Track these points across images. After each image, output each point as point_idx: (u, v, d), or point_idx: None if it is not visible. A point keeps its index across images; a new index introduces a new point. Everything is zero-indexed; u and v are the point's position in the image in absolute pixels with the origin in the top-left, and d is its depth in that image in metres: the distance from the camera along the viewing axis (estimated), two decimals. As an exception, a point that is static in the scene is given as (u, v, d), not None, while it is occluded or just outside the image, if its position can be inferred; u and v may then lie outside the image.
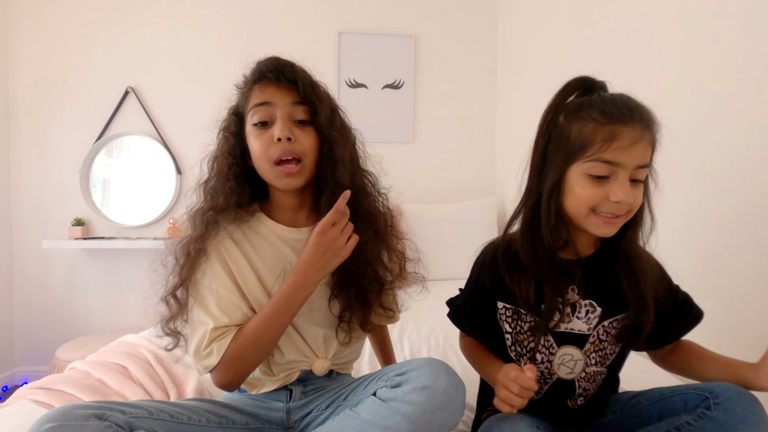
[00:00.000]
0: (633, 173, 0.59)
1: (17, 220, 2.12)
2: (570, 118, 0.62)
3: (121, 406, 0.58)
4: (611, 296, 0.67)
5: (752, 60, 0.91)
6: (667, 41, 1.15)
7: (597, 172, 0.59)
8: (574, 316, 0.68)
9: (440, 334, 1.28)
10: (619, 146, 0.58)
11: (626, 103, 0.60)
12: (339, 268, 0.71)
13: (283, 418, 0.76)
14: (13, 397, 0.90)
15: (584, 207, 0.61)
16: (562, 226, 0.65)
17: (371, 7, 2.28)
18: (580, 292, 0.67)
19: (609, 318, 0.68)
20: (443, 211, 2.13)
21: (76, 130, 2.13)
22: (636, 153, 0.58)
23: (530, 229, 0.66)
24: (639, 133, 0.58)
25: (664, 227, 0.92)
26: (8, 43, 2.09)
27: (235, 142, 0.74)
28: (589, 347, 0.69)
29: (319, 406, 0.75)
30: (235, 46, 2.19)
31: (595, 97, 0.62)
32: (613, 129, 0.58)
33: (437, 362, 0.62)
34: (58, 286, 2.15)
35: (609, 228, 0.62)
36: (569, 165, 0.62)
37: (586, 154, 0.59)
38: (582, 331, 0.68)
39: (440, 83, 2.34)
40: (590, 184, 0.60)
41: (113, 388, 0.95)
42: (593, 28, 1.49)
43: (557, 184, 0.63)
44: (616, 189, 0.59)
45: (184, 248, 0.71)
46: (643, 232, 0.66)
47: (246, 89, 0.75)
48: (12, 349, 2.13)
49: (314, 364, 0.77)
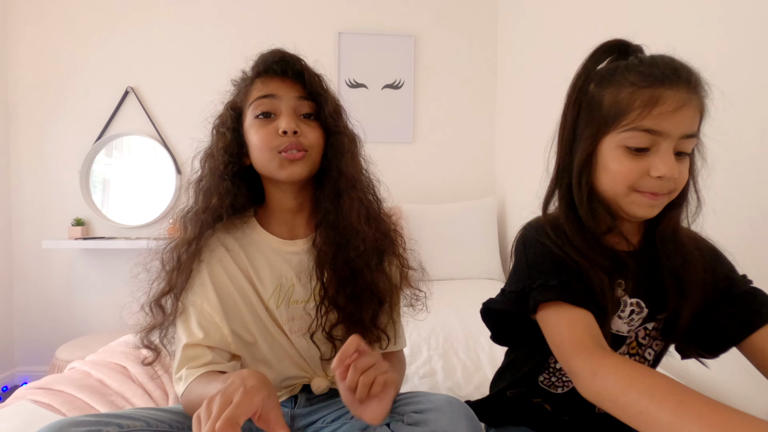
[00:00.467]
0: (678, 144, 0.50)
1: (17, 220, 2.12)
2: (602, 84, 0.54)
3: (119, 419, 0.55)
4: (659, 292, 0.57)
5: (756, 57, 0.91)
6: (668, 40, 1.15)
7: (636, 143, 0.50)
8: (617, 315, 0.57)
9: (440, 334, 1.27)
10: (661, 111, 0.49)
11: (669, 63, 0.51)
12: (334, 273, 0.67)
13: (287, 424, 0.74)
14: (13, 397, 0.90)
15: (622, 185, 0.52)
16: (600, 208, 0.55)
17: (371, 7, 2.28)
18: (627, 288, 0.57)
19: (652, 320, 0.59)
20: (443, 211, 2.12)
21: (75, 130, 2.13)
22: (682, 120, 0.49)
23: (572, 210, 0.56)
24: (686, 96, 0.49)
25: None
26: (8, 43, 2.09)
27: (232, 138, 0.70)
28: (625, 349, 0.60)
29: (324, 418, 0.72)
30: (235, 46, 2.19)
31: (631, 59, 0.54)
32: (655, 92, 0.49)
33: (458, 405, 0.59)
34: (58, 286, 2.15)
35: (651, 208, 0.53)
36: (602, 137, 0.53)
37: (622, 122, 0.51)
38: (621, 332, 0.58)
39: (440, 83, 2.34)
40: (628, 158, 0.51)
41: (113, 388, 0.95)
42: (594, 27, 1.49)
43: (588, 159, 0.54)
44: (659, 162, 0.50)
45: (174, 252, 0.67)
46: (687, 214, 0.57)
47: (246, 83, 0.71)
48: (12, 349, 2.13)
49: (312, 382, 0.73)
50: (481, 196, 2.26)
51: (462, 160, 2.37)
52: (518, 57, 2.14)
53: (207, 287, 0.67)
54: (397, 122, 2.31)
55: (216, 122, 0.73)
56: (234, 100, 0.73)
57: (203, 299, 0.67)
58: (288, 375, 0.72)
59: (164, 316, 0.67)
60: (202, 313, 0.66)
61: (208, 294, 0.67)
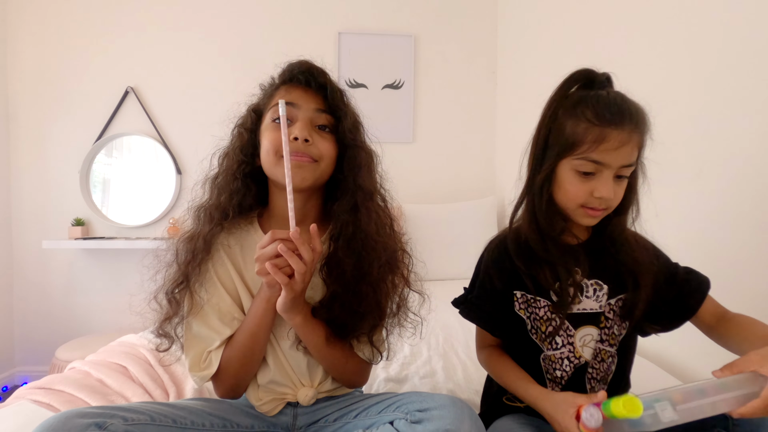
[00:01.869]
0: (617, 171, 0.63)
1: (17, 220, 2.12)
2: (567, 113, 0.66)
3: (123, 412, 0.56)
4: (614, 275, 0.70)
5: (755, 59, 0.91)
6: (668, 41, 1.15)
7: (584, 169, 0.63)
8: (584, 296, 0.70)
9: (440, 333, 1.28)
10: (606, 148, 0.61)
11: (619, 105, 0.63)
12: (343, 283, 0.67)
13: (289, 422, 0.74)
14: (13, 397, 0.90)
15: (573, 202, 0.66)
16: (557, 214, 0.69)
17: (371, 7, 2.28)
18: (584, 272, 0.70)
19: (614, 296, 0.70)
20: (443, 211, 2.13)
21: (76, 130, 2.13)
22: (621, 154, 0.62)
23: (534, 216, 0.70)
24: (626, 136, 0.61)
25: (665, 224, 0.92)
26: (8, 43, 2.09)
27: (249, 138, 0.72)
28: (605, 322, 0.70)
29: (327, 418, 0.72)
30: (235, 46, 2.20)
31: (592, 94, 0.65)
32: (603, 131, 0.61)
33: (461, 404, 0.60)
34: (58, 286, 2.15)
35: (592, 219, 0.67)
36: (561, 159, 0.66)
37: (576, 151, 0.63)
38: (594, 309, 0.70)
39: (440, 83, 2.34)
40: (578, 180, 0.65)
41: (113, 388, 0.95)
42: (594, 27, 1.49)
43: (549, 175, 0.67)
44: (601, 186, 0.63)
45: (189, 244, 0.68)
46: (632, 218, 0.70)
47: (272, 89, 0.73)
48: (12, 349, 2.13)
49: (299, 394, 0.73)
50: (481, 196, 2.26)
51: (462, 160, 2.37)
52: (518, 57, 2.14)
53: (217, 285, 0.70)
54: (397, 122, 2.31)
55: (238, 122, 0.75)
56: (257, 104, 0.75)
57: (219, 298, 0.70)
58: (272, 379, 0.72)
59: (177, 306, 0.68)
60: (221, 311, 0.69)
61: (220, 292, 0.70)
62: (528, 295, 0.72)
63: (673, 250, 0.74)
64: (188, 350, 0.69)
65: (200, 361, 0.68)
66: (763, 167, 0.90)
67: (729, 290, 0.97)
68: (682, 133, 1.09)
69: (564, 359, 0.70)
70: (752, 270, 0.92)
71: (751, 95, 0.92)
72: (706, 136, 1.03)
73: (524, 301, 0.72)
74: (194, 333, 0.69)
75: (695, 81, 1.06)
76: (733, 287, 0.96)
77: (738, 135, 0.95)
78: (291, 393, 0.73)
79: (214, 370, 0.67)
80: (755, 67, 0.91)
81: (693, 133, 1.06)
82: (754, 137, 0.92)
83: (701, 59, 1.04)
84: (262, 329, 0.67)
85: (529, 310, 0.72)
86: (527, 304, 0.72)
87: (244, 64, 2.16)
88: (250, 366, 0.69)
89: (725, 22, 0.98)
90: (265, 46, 2.20)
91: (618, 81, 0.68)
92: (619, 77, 0.69)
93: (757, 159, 0.91)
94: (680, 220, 1.08)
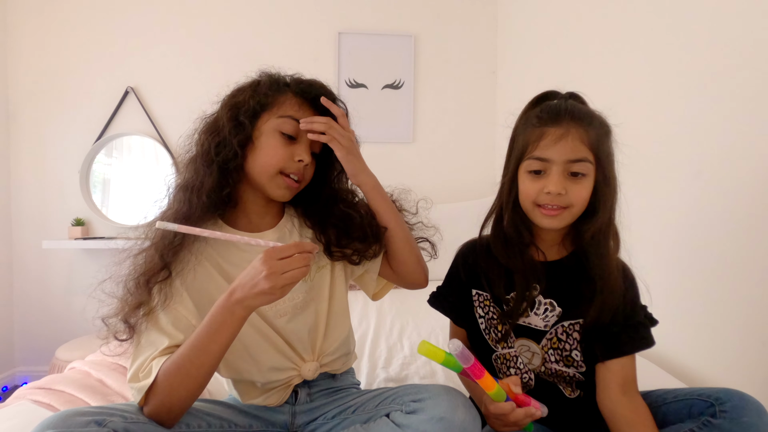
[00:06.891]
0: (568, 167, 0.64)
1: (17, 220, 2.12)
2: (522, 124, 0.72)
3: (123, 411, 0.56)
4: (574, 300, 0.70)
5: (751, 60, 0.91)
6: (666, 41, 1.15)
7: (533, 167, 0.67)
8: (533, 312, 0.71)
9: (440, 333, 1.28)
10: (545, 144, 0.65)
11: (558, 106, 0.67)
12: (331, 224, 0.75)
13: (287, 421, 0.75)
14: (13, 397, 0.90)
15: (528, 200, 0.68)
16: (522, 223, 0.72)
17: (371, 7, 2.28)
18: (541, 290, 0.71)
19: (569, 320, 0.70)
20: (443, 211, 2.11)
21: (76, 130, 2.13)
22: (562, 148, 0.64)
23: (500, 223, 0.74)
24: (563, 131, 0.64)
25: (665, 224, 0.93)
26: (8, 43, 2.09)
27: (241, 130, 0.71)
28: (546, 343, 0.72)
29: (325, 415, 0.73)
30: (235, 46, 2.19)
31: (543, 104, 0.70)
32: (542, 129, 0.66)
33: (455, 392, 0.60)
34: (58, 286, 2.15)
35: (551, 219, 0.67)
36: (519, 164, 0.69)
37: (526, 153, 0.68)
38: (538, 326, 0.72)
39: (440, 83, 2.34)
40: (530, 180, 0.67)
41: (113, 388, 0.95)
42: (594, 27, 1.49)
43: (512, 182, 0.71)
44: (548, 182, 0.65)
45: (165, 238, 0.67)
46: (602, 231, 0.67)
47: (280, 90, 0.72)
48: (12, 349, 2.13)
49: (302, 369, 0.73)
50: (481, 196, 2.26)
51: (462, 160, 2.36)
52: (518, 57, 2.14)
53: (179, 290, 0.68)
54: (397, 122, 2.31)
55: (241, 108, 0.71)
56: (259, 97, 0.71)
57: (177, 302, 0.67)
58: (272, 365, 0.71)
59: (149, 295, 0.65)
60: (177, 316, 0.66)
61: (182, 297, 0.67)
62: (484, 294, 0.76)
63: (673, 250, 0.74)
64: (136, 357, 0.63)
65: (141, 368, 0.61)
66: (763, 167, 0.90)
67: (729, 290, 0.97)
68: (682, 133, 1.09)
69: (518, 357, 0.74)
70: (752, 270, 0.92)
71: (751, 95, 0.92)
72: (706, 137, 1.03)
73: (480, 301, 0.77)
74: (143, 343, 0.64)
75: (695, 81, 1.06)
76: (734, 287, 0.96)
77: (738, 135, 0.95)
78: (295, 372, 0.73)
79: (152, 380, 0.59)
80: (755, 67, 0.91)
81: (693, 133, 1.06)
82: (755, 137, 0.91)
83: (701, 59, 1.04)
84: (216, 343, 0.58)
85: (485, 311, 0.76)
86: (483, 305, 0.76)
87: (244, 64, 2.15)
88: (190, 385, 0.59)
89: (725, 22, 0.98)
90: (265, 46, 2.20)
91: (618, 80, 0.69)
92: (619, 76, 0.69)
93: (758, 159, 0.91)
94: (680, 220, 1.08)
